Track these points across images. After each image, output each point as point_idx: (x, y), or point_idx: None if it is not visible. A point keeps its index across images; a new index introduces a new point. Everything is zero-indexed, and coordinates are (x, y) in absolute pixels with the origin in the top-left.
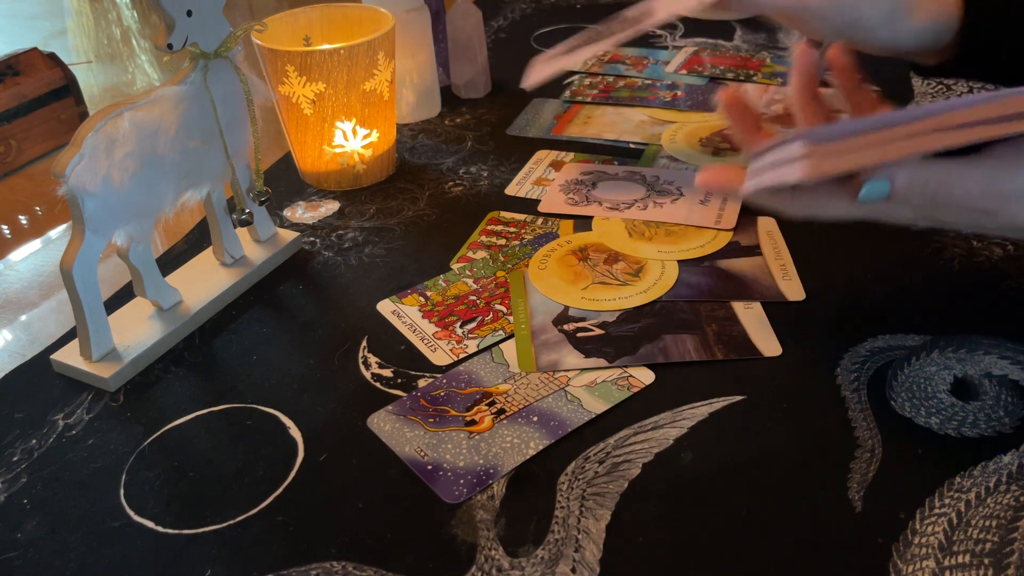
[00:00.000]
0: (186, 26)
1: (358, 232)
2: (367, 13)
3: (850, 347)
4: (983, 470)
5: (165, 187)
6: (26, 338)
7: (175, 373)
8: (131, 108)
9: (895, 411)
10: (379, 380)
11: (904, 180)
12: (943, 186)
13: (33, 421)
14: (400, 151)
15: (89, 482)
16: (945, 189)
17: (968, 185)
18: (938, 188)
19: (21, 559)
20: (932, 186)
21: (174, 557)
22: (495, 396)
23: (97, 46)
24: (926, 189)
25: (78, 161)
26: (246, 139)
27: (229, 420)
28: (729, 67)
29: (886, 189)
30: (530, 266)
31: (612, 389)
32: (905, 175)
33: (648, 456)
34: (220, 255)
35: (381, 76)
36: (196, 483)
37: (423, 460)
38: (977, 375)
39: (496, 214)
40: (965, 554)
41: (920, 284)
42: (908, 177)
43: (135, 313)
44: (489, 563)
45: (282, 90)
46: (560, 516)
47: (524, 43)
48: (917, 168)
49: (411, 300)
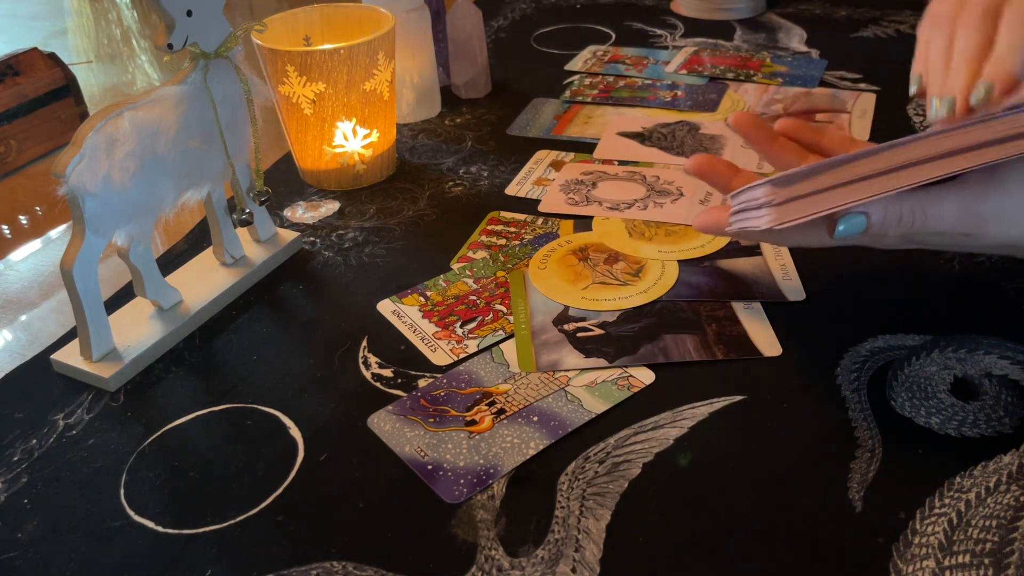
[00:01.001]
0: (186, 26)
1: (358, 232)
2: (367, 13)
3: (850, 347)
4: (983, 470)
5: (165, 187)
6: (26, 338)
7: (175, 373)
8: (131, 108)
9: (895, 411)
10: (379, 380)
11: (879, 215)
12: (919, 216)
13: (33, 421)
14: (400, 151)
15: (89, 482)
16: (921, 219)
17: (943, 212)
18: (913, 219)
19: (21, 559)
20: (907, 218)
21: (174, 557)
22: (495, 396)
23: (97, 46)
24: (901, 221)
25: (78, 161)
26: (246, 139)
27: (229, 420)
28: (729, 67)
29: (862, 225)
30: (530, 266)
31: (612, 389)
32: (879, 210)
33: (648, 456)
34: (220, 255)
35: (381, 76)
36: (196, 483)
37: (423, 460)
38: (977, 375)
39: (496, 214)
40: (965, 554)
41: (920, 284)
42: (882, 212)
43: (135, 313)
44: (489, 563)
45: (282, 90)
46: (560, 516)
47: (524, 43)
48: (891, 202)
49: (411, 300)
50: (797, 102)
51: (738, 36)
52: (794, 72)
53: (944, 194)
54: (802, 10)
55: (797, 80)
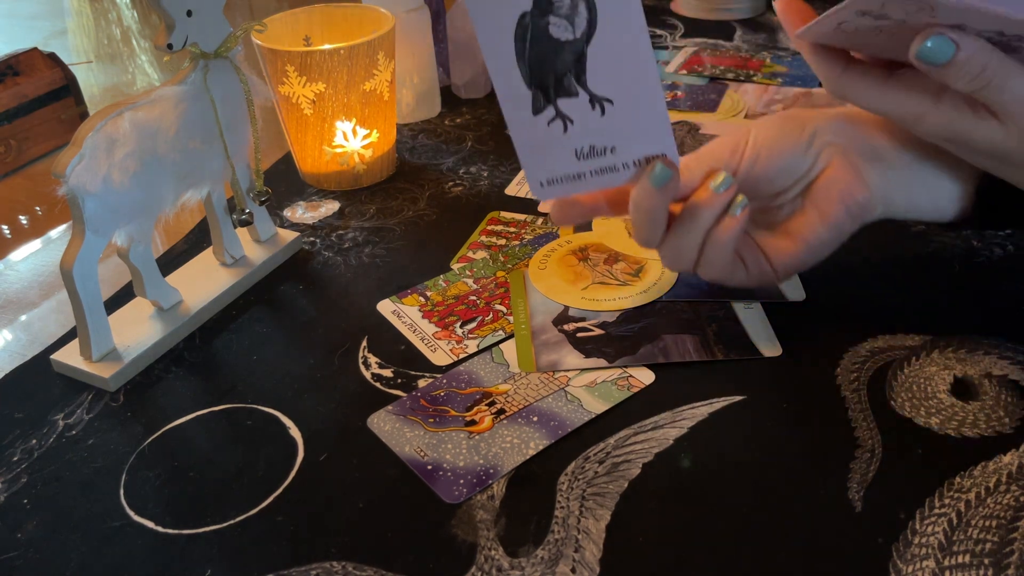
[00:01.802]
0: (186, 26)
1: (358, 232)
2: (367, 13)
3: (850, 347)
4: (983, 470)
5: (165, 187)
6: (26, 338)
7: (175, 373)
8: (131, 108)
9: (895, 411)
10: (379, 380)
11: (970, 50)
12: (1000, 77)
13: (33, 421)
14: (400, 151)
15: (89, 482)
16: (999, 81)
17: (1018, 89)
18: (994, 76)
19: (21, 559)
20: (990, 72)
21: (174, 557)
22: (495, 396)
23: (97, 46)
24: (984, 72)
25: (78, 161)
26: (246, 139)
27: (229, 420)
28: (729, 67)
29: (949, 52)
30: (530, 266)
31: (612, 389)
32: (973, 45)
33: (648, 456)
34: (220, 255)
35: (381, 76)
36: (196, 483)
37: (423, 460)
38: (977, 375)
39: (496, 214)
40: (965, 554)
41: (920, 284)
42: (975, 49)
43: (135, 313)
44: (489, 563)
45: (282, 90)
46: (560, 516)
47: None
48: (983, 46)
49: (411, 300)
50: (797, 102)
51: (738, 36)
52: (794, 72)
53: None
54: None
55: (797, 80)
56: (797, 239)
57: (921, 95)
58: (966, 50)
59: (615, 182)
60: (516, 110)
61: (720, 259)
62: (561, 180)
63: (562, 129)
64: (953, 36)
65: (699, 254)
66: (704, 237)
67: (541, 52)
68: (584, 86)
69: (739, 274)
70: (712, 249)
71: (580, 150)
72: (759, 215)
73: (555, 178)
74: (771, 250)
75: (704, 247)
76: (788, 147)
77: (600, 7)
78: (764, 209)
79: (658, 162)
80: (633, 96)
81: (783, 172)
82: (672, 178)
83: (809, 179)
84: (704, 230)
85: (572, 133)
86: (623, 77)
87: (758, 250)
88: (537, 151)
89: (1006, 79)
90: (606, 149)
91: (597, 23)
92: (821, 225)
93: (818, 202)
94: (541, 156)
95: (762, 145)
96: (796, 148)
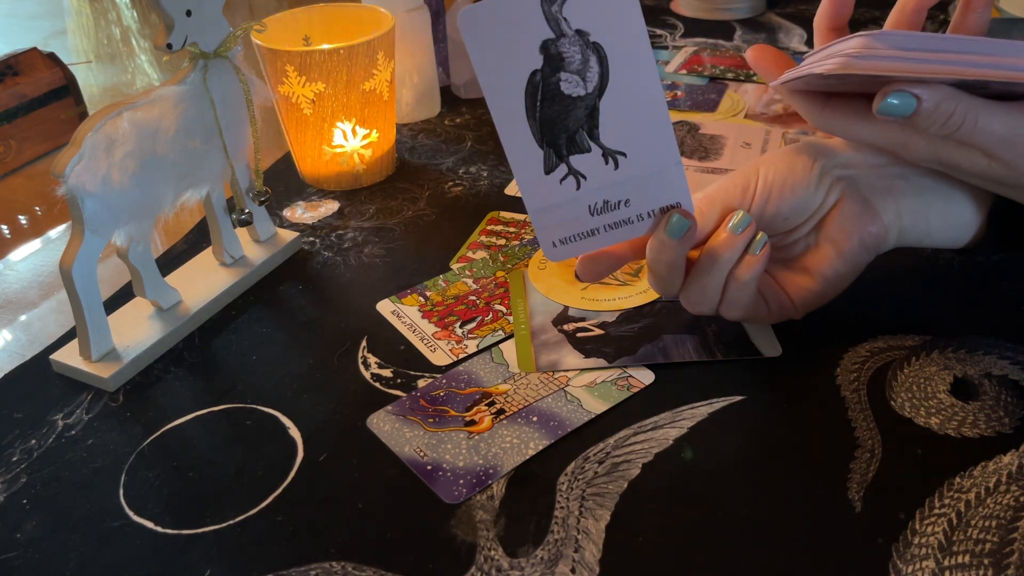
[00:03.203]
0: (186, 26)
1: (358, 232)
2: (367, 13)
3: (850, 347)
4: (983, 470)
5: (165, 187)
6: (26, 338)
7: (175, 373)
8: (131, 108)
9: (895, 411)
10: (379, 380)
11: (932, 102)
12: (968, 120)
13: (33, 421)
14: (400, 151)
15: (89, 482)
16: (969, 124)
17: (992, 126)
18: (962, 121)
19: (21, 559)
20: (957, 117)
21: (174, 557)
22: (495, 396)
23: (97, 46)
24: (953, 117)
25: (78, 161)
26: (246, 139)
27: (229, 420)
28: (729, 67)
29: (912, 106)
30: (530, 266)
31: (612, 389)
32: (934, 97)
33: (648, 456)
34: (220, 255)
35: (381, 76)
36: (196, 483)
37: (423, 460)
38: (977, 375)
39: (496, 214)
40: (965, 554)
41: (920, 284)
42: (936, 100)
43: (135, 313)
44: (489, 563)
45: (282, 90)
46: (560, 516)
47: None
48: (947, 96)
49: (411, 300)
50: None
51: (738, 36)
52: None
53: (999, 109)
54: (802, 10)
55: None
56: (815, 274)
57: (903, 124)
58: (929, 101)
59: (631, 235)
60: (527, 171)
61: (744, 298)
62: (575, 238)
63: (575, 186)
64: (915, 90)
65: (722, 295)
66: (726, 278)
67: (553, 110)
68: (596, 140)
69: (761, 311)
70: (735, 289)
71: (594, 206)
72: (774, 251)
73: (569, 236)
74: (789, 286)
75: (727, 288)
76: (799, 185)
77: (611, 59)
78: (778, 246)
79: (675, 213)
80: (647, 146)
81: (795, 210)
82: (690, 228)
83: (821, 214)
84: (726, 272)
85: (585, 189)
86: (636, 128)
87: (777, 286)
88: (550, 211)
89: (976, 120)
90: (620, 203)
91: (610, 75)
92: (837, 259)
93: (832, 237)
94: (555, 215)
95: (772, 184)
96: (807, 185)
